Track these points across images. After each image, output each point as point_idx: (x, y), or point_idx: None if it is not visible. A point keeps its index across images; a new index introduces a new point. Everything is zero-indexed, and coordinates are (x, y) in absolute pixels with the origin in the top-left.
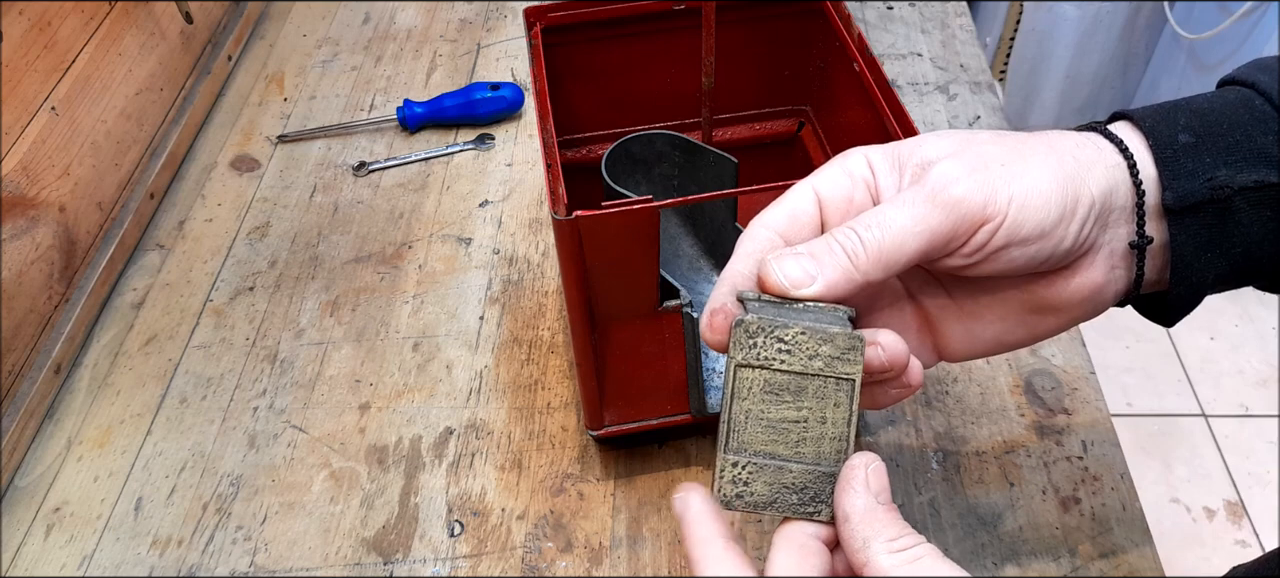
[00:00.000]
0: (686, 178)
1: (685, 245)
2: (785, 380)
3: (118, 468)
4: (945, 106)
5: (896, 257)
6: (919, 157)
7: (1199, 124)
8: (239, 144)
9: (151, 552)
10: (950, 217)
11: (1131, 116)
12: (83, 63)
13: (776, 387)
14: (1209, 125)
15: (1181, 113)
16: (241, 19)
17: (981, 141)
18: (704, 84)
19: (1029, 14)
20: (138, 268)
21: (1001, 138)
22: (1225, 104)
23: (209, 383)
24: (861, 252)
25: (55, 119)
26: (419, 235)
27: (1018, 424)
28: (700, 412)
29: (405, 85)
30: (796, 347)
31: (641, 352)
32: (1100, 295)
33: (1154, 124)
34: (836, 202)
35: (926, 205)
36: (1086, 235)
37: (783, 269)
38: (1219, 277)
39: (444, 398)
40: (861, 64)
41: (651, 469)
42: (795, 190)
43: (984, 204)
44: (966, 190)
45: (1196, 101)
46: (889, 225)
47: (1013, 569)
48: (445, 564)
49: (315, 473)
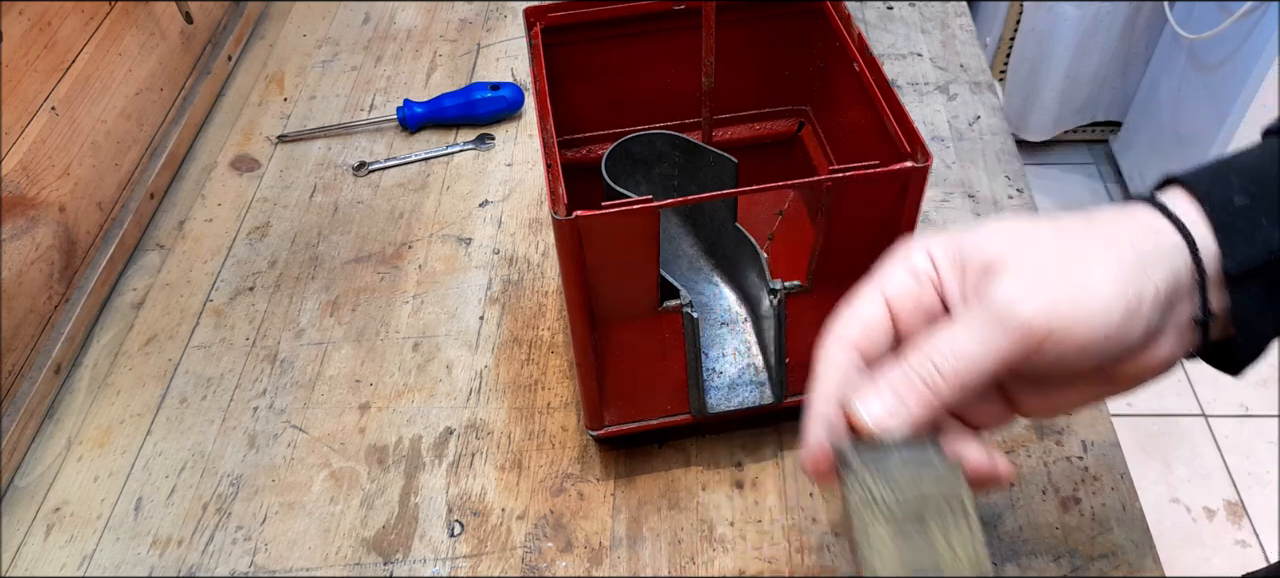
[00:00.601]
0: (686, 178)
1: (685, 245)
2: (904, 513)
3: (118, 468)
4: (945, 106)
5: (971, 382)
6: (980, 258)
7: (1252, 184)
8: (239, 144)
9: (151, 552)
10: (1019, 341)
11: (1185, 182)
12: (83, 63)
13: (898, 521)
14: (1262, 184)
15: (1233, 173)
16: (241, 19)
17: (1041, 240)
18: (704, 84)
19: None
20: (138, 268)
21: (1060, 229)
22: (1274, 159)
23: (209, 383)
24: (940, 383)
25: (55, 119)
26: (419, 235)
27: (1018, 424)
28: (700, 412)
29: (405, 85)
30: (903, 481)
31: (641, 352)
32: (1169, 362)
33: (1209, 189)
34: (905, 305)
35: (995, 330)
36: (1153, 326)
37: (869, 412)
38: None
39: (444, 398)
40: (861, 64)
41: (651, 469)
42: (864, 298)
43: (1049, 326)
44: (1032, 313)
45: (1246, 159)
46: (962, 354)
47: (1013, 569)
48: (445, 564)
49: (315, 473)
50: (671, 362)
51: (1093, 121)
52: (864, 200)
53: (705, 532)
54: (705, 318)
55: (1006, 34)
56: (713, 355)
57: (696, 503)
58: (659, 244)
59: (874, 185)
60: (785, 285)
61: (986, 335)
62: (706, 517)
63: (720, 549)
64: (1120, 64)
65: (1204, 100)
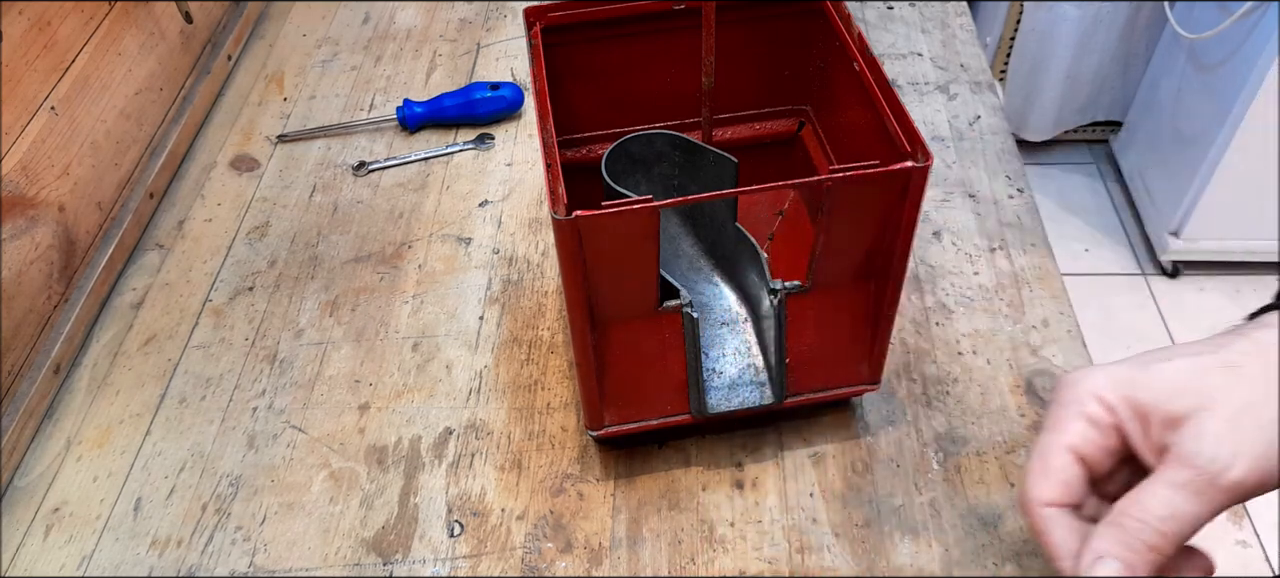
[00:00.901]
0: (686, 178)
1: (685, 245)
2: None
3: (117, 468)
4: (945, 106)
5: (1190, 537)
6: (1164, 411)
7: None
8: (239, 144)
9: (151, 552)
10: (1232, 498)
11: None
12: (82, 63)
13: None
14: None
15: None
16: (241, 19)
17: (1219, 384)
18: (704, 84)
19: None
20: (137, 268)
21: (1229, 369)
22: None
23: (208, 383)
24: (1164, 544)
25: (55, 119)
26: (419, 235)
27: (1018, 424)
28: (700, 412)
29: (405, 85)
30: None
31: (641, 352)
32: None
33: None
34: (1096, 458)
35: (1209, 491)
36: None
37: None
38: None
39: (444, 398)
40: (861, 64)
41: (651, 469)
42: (1054, 455)
43: (1260, 482)
44: (1243, 474)
45: None
46: (1181, 517)
47: (1013, 569)
48: (445, 565)
49: (315, 473)
50: (671, 362)
51: (1093, 121)
52: (864, 200)
53: (705, 532)
54: (705, 318)
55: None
56: (713, 356)
57: (696, 503)
58: (659, 244)
59: (874, 185)
60: (785, 285)
61: (1201, 496)
62: (706, 517)
63: (720, 550)
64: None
65: (1204, 100)
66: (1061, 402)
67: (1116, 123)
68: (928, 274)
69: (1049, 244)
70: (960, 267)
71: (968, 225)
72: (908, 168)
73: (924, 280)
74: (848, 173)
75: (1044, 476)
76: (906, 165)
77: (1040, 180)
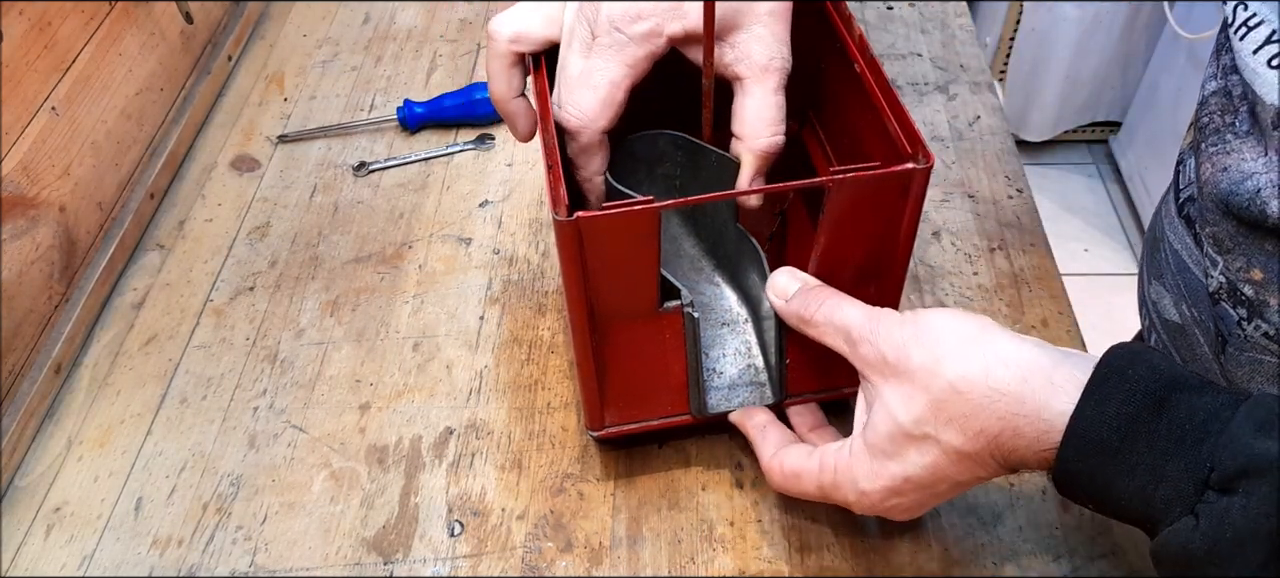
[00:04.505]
0: (688, 178)
1: (687, 245)
2: None
3: (118, 468)
4: (945, 107)
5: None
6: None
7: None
8: (239, 144)
9: (151, 552)
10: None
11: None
12: (83, 63)
13: None
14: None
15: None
16: (241, 19)
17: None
18: (705, 84)
19: (1029, 14)
20: (138, 268)
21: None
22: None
23: (209, 383)
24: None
25: (55, 119)
26: (419, 235)
27: None
28: (700, 412)
29: (405, 85)
30: None
31: (642, 352)
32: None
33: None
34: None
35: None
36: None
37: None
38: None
39: (444, 398)
40: (862, 64)
41: (651, 470)
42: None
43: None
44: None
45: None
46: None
47: (1012, 569)
48: (445, 564)
49: (315, 473)
50: (672, 362)
51: (1093, 121)
52: (865, 201)
53: (705, 532)
54: (706, 318)
55: (1006, 34)
56: (713, 356)
57: (696, 503)
58: (660, 244)
59: (875, 187)
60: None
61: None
62: (706, 517)
63: (720, 549)
64: (1120, 64)
65: None
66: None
67: (1116, 123)
68: (927, 274)
69: (1048, 244)
70: (960, 267)
71: (967, 225)
72: (909, 169)
73: (924, 281)
74: (848, 174)
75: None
76: (908, 167)
77: (1040, 180)
